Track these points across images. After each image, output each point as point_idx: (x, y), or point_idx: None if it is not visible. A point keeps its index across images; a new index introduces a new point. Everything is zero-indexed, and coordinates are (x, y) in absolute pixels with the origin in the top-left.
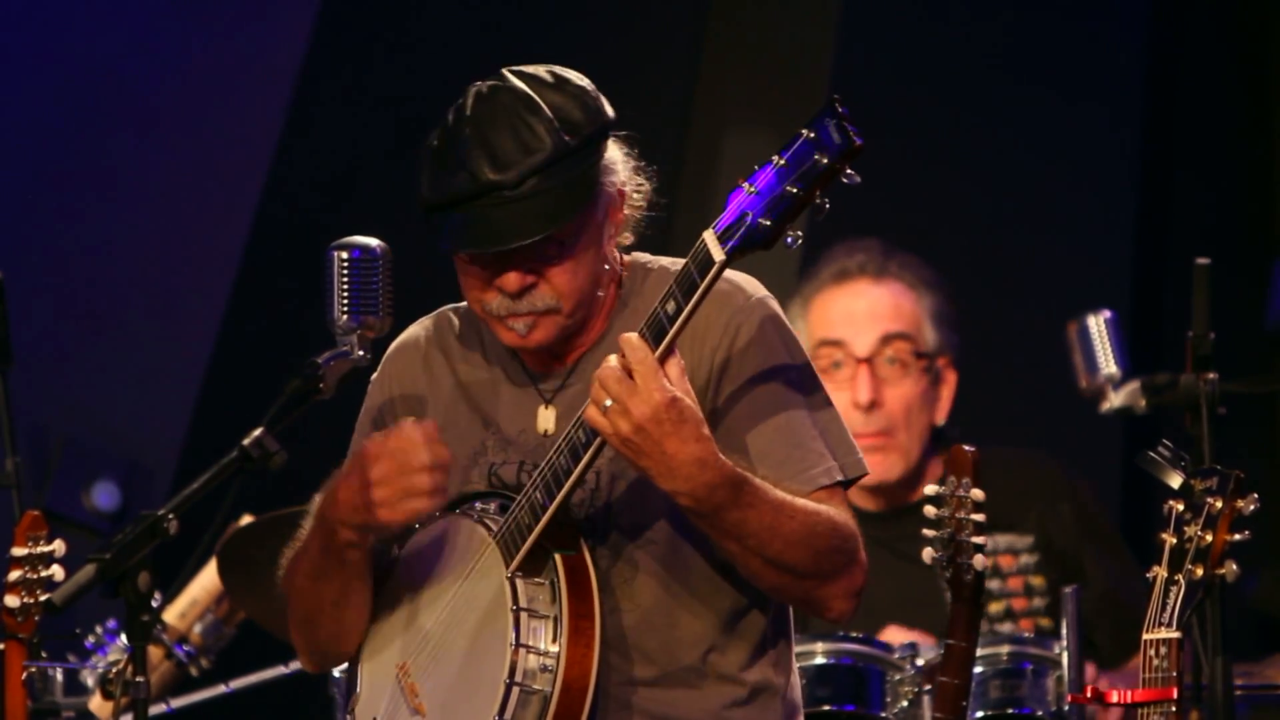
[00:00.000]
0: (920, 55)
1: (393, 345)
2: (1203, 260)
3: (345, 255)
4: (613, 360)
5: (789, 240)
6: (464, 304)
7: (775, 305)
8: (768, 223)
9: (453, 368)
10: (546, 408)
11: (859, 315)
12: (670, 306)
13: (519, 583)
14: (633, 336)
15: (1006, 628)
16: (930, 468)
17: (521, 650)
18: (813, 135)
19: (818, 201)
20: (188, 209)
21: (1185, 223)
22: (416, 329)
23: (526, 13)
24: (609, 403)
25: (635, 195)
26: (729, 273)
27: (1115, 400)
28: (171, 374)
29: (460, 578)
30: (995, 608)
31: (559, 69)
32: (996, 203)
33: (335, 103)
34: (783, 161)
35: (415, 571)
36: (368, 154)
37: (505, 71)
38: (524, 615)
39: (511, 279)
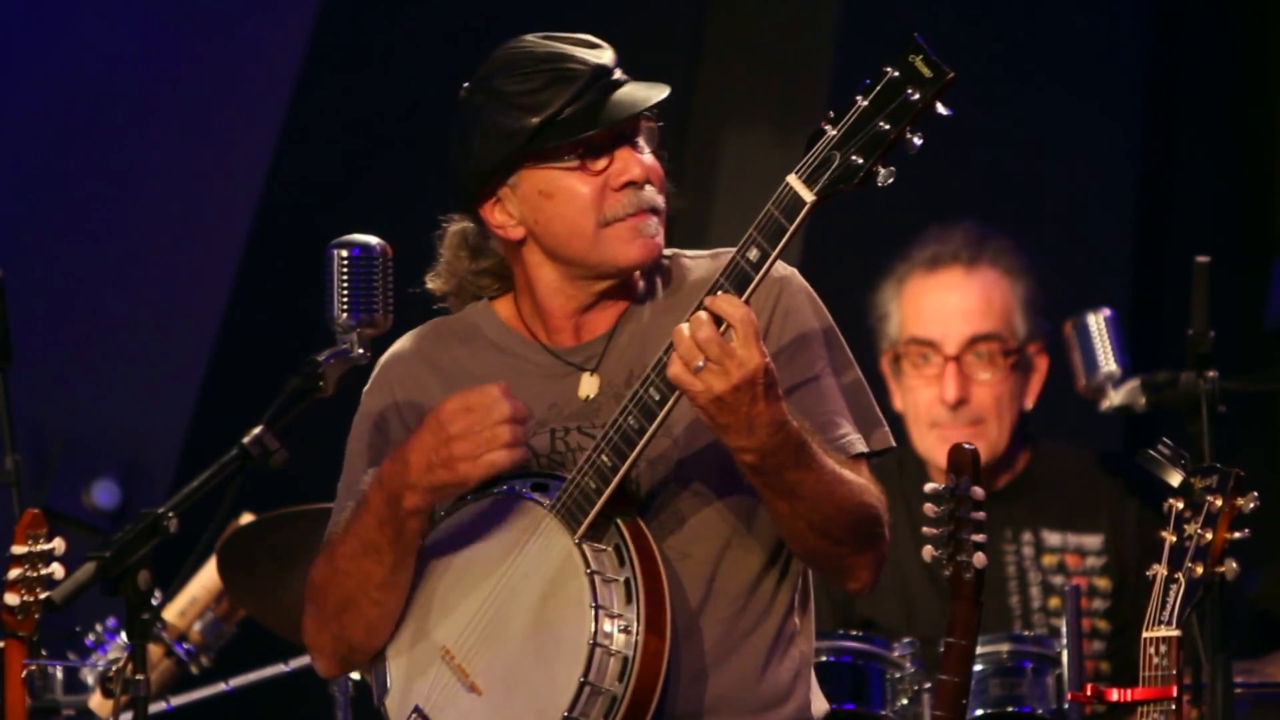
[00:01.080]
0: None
1: (386, 355)
2: (1203, 258)
3: (345, 254)
4: (704, 318)
5: (881, 178)
6: (453, 315)
7: (802, 280)
8: (859, 160)
9: (461, 363)
10: (592, 375)
11: (950, 312)
12: (754, 254)
13: (586, 548)
14: (727, 296)
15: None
16: (1020, 455)
17: (600, 612)
18: (898, 73)
19: (908, 138)
20: (188, 208)
21: (1185, 220)
22: (409, 340)
23: (525, 11)
24: (702, 363)
25: None
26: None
27: (1115, 398)
28: (171, 372)
29: (513, 552)
30: (1055, 603)
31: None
32: (996, 200)
33: (335, 101)
34: (866, 102)
35: (449, 558)
36: (367, 152)
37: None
38: (596, 578)
39: (633, 164)
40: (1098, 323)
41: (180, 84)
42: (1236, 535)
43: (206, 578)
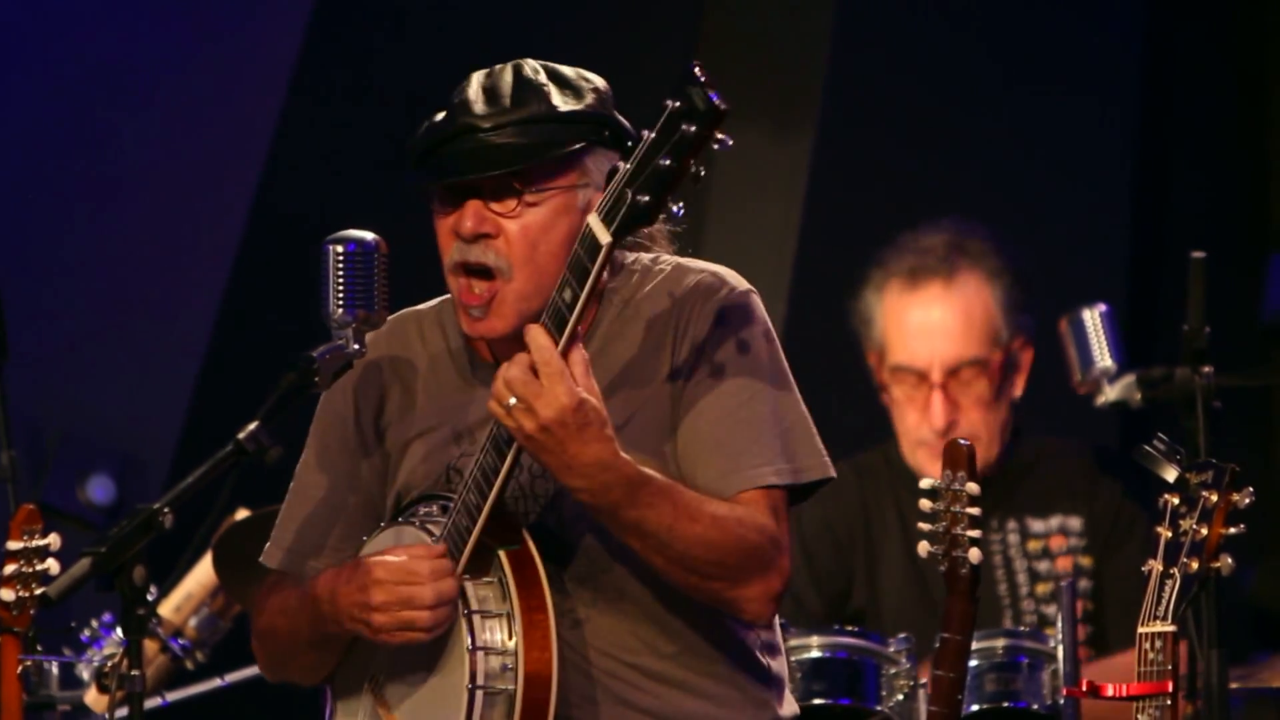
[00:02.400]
0: (915, 50)
1: None
2: (1198, 254)
3: (341, 249)
4: (521, 359)
5: (673, 211)
6: (423, 306)
7: (756, 300)
8: (646, 199)
9: (417, 369)
10: None
11: (933, 337)
12: (567, 295)
13: (468, 585)
14: (538, 330)
15: (1052, 609)
16: (1015, 442)
17: (479, 653)
18: (678, 105)
19: (693, 170)
20: (184, 204)
21: (1181, 216)
22: (375, 336)
23: (522, 10)
24: (513, 401)
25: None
26: (712, 265)
27: (1110, 394)
28: (167, 368)
29: None
30: (1043, 589)
31: (589, 73)
32: (992, 196)
33: (331, 97)
34: (654, 135)
35: None
36: (364, 148)
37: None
38: (477, 617)
39: (467, 217)
40: (1093, 318)
41: (175, 80)
42: (1232, 531)
43: (202, 573)
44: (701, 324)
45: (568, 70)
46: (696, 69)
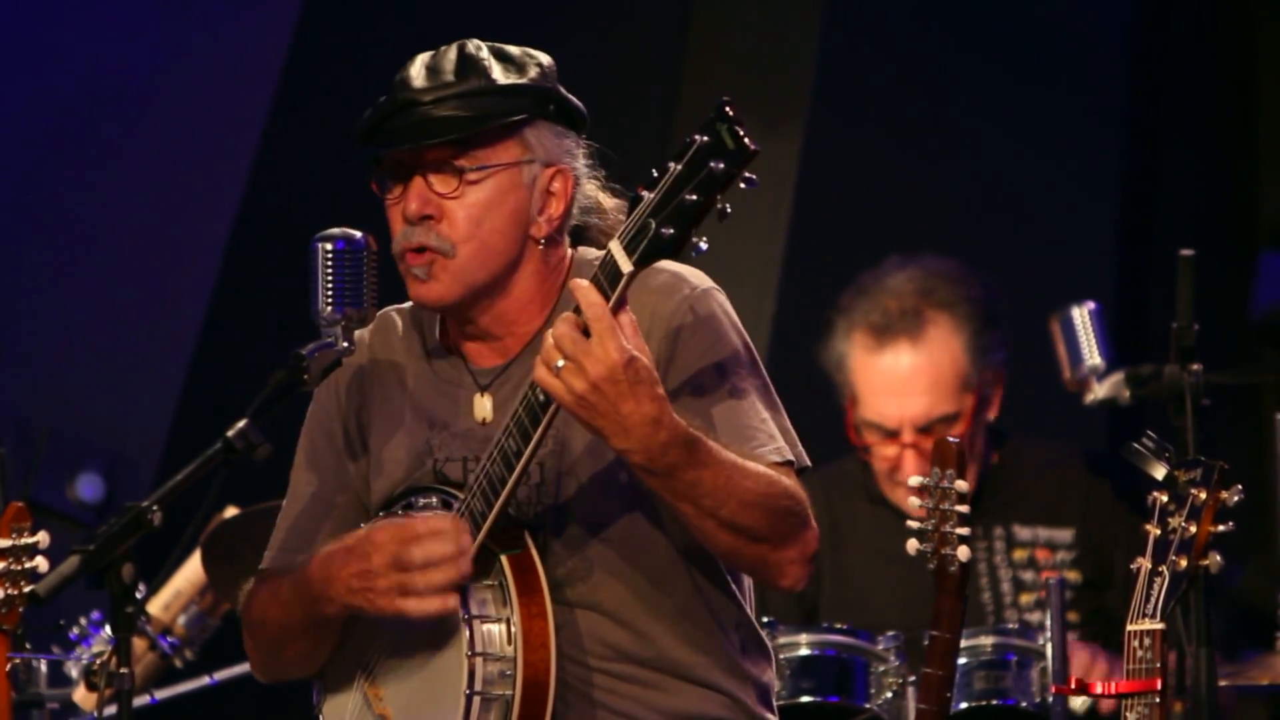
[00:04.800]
0: (904, 49)
1: None
2: (1187, 251)
3: (330, 246)
4: (568, 318)
5: (698, 248)
6: (406, 305)
7: (721, 296)
8: (671, 231)
9: (396, 368)
10: (483, 395)
11: (901, 396)
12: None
13: (469, 588)
14: (588, 286)
15: (1036, 617)
16: (989, 454)
17: (478, 659)
18: (706, 141)
19: (719, 207)
20: (173, 201)
21: (1169, 214)
22: (360, 335)
23: (510, 10)
24: (562, 363)
25: (588, 199)
26: (674, 265)
27: (1099, 392)
28: (156, 365)
29: None
30: (1027, 598)
31: (535, 50)
32: (981, 195)
33: (320, 95)
34: (680, 168)
35: None
36: (352, 145)
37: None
38: (476, 622)
39: (411, 199)
40: (1082, 316)
41: (164, 78)
42: (1220, 529)
43: (191, 571)
44: (675, 324)
45: (513, 48)
46: (727, 106)
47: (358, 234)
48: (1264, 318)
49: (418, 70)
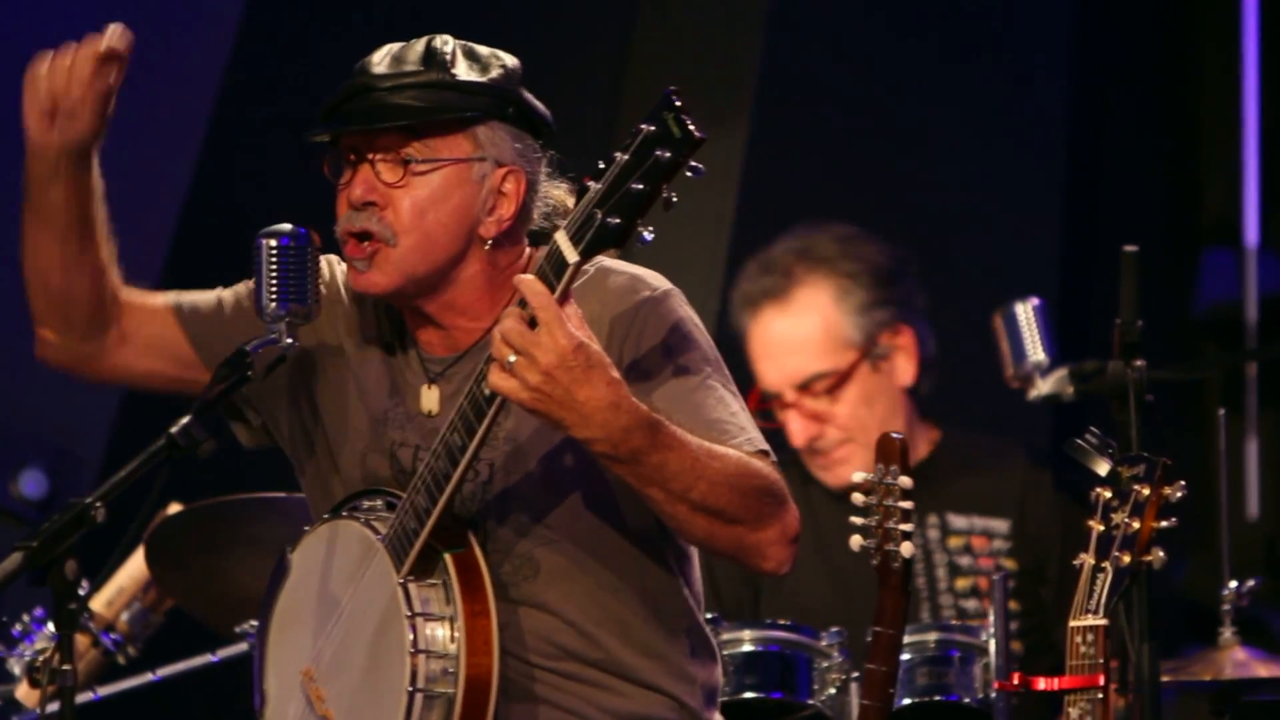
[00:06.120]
0: (849, 43)
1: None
2: (1130, 247)
3: (274, 243)
4: (513, 312)
5: (643, 238)
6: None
7: (680, 297)
8: (617, 221)
9: (364, 321)
10: (430, 387)
11: (774, 357)
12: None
13: (411, 587)
14: (531, 280)
15: (971, 604)
16: (923, 440)
17: (421, 656)
18: (653, 130)
19: (665, 195)
20: (116, 196)
21: (1113, 210)
22: (339, 272)
23: (454, 5)
24: (513, 358)
25: (552, 203)
26: (631, 267)
27: (1043, 387)
28: None
29: (353, 583)
30: (963, 584)
31: (504, 53)
32: (925, 191)
33: (264, 91)
34: (626, 158)
35: (309, 576)
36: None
37: None
38: (420, 620)
39: (357, 184)
40: (1026, 312)
41: None
42: (1164, 524)
43: (134, 568)
44: (635, 326)
45: (482, 48)
46: (674, 95)
47: (302, 229)
48: (1207, 313)
49: (381, 57)
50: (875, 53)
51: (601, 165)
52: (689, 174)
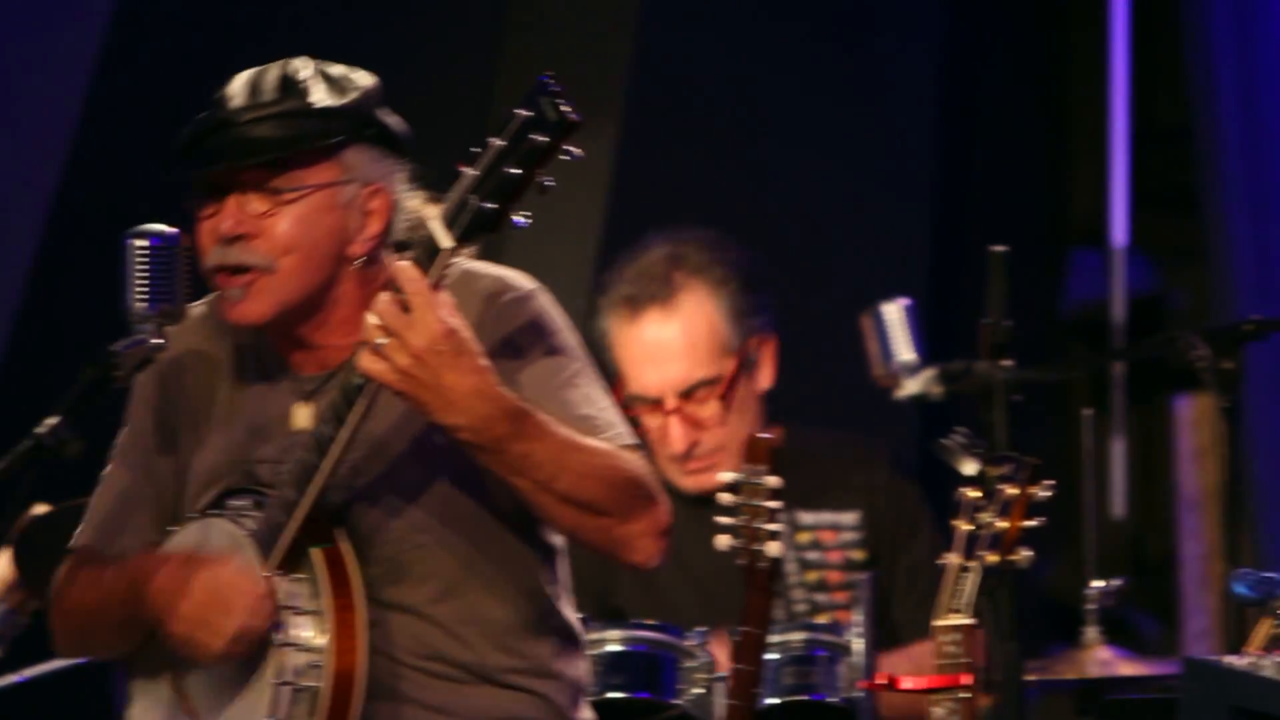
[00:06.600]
0: (719, 44)
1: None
2: (998, 248)
3: (143, 243)
4: (386, 296)
5: (517, 222)
6: None
7: (547, 297)
8: (492, 206)
9: (220, 365)
10: (303, 404)
11: (658, 362)
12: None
13: (279, 581)
14: (405, 264)
15: (821, 597)
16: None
17: (287, 649)
18: (529, 114)
19: (539, 181)
20: None
21: (981, 211)
22: (193, 317)
23: (326, 6)
24: (383, 341)
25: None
26: (495, 269)
27: (911, 387)
28: None
29: None
30: (812, 576)
31: (359, 71)
32: (795, 191)
33: (133, 92)
34: (502, 143)
35: None
36: (166, 141)
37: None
38: (286, 613)
39: (225, 218)
40: (894, 312)
41: None
42: (1030, 524)
43: (0, 568)
44: (503, 326)
45: (336, 69)
46: (549, 80)
47: (171, 230)
48: (1074, 313)
49: (237, 89)
50: (745, 50)
51: (476, 151)
52: (564, 158)
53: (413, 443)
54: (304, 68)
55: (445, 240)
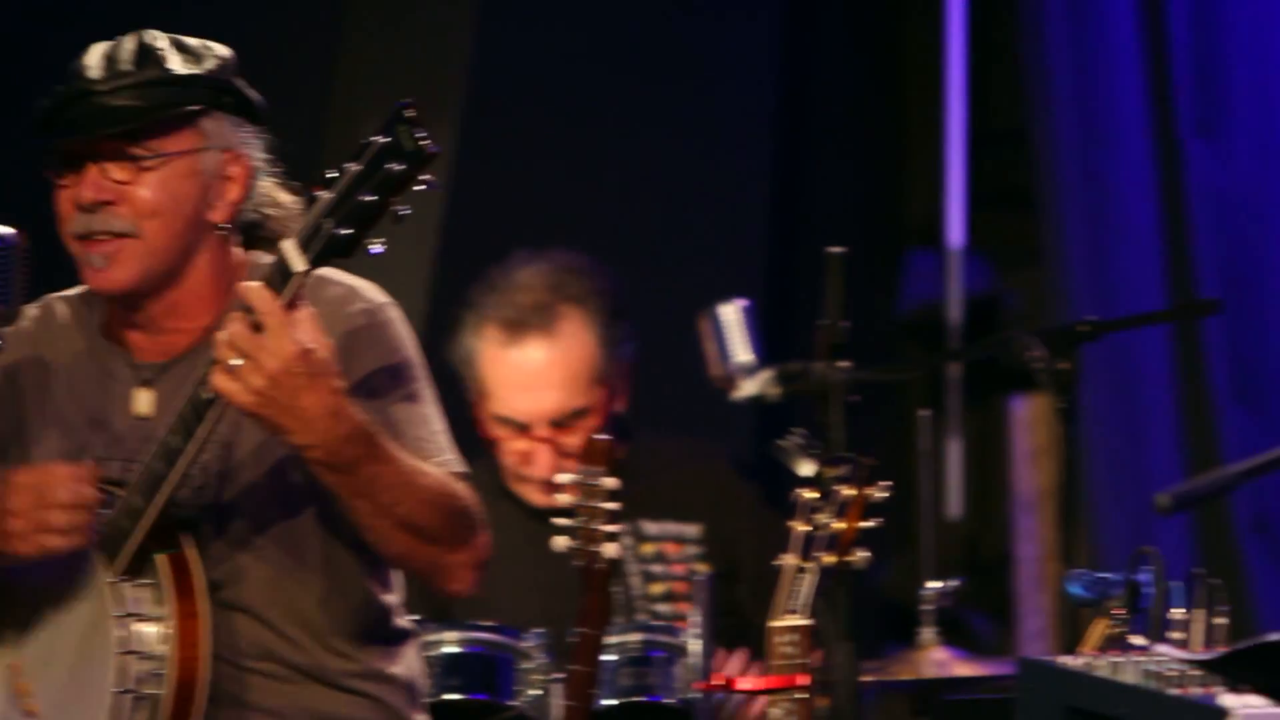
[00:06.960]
0: (557, 45)
1: (27, 311)
2: (835, 249)
3: None
4: (239, 316)
5: (371, 250)
6: (73, 291)
7: (395, 310)
8: (346, 232)
9: (55, 361)
10: (143, 389)
11: (533, 390)
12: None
13: (123, 586)
14: (255, 286)
15: (665, 608)
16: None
17: (130, 656)
18: (385, 142)
19: (394, 209)
20: None
21: (818, 211)
22: (17, 329)
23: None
24: (236, 362)
25: (264, 196)
26: (348, 278)
27: (747, 388)
28: None
29: (71, 577)
30: (657, 588)
31: (217, 44)
32: (632, 192)
33: None
34: (358, 169)
35: (22, 570)
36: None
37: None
38: (129, 620)
39: (86, 186)
40: (731, 314)
41: None
42: (867, 524)
43: None
44: (349, 338)
45: (192, 40)
46: (407, 109)
47: (6, 230)
48: (910, 314)
49: (94, 60)
50: (582, 56)
51: (332, 174)
52: (421, 187)
53: (258, 447)
54: (160, 38)
55: (299, 264)
